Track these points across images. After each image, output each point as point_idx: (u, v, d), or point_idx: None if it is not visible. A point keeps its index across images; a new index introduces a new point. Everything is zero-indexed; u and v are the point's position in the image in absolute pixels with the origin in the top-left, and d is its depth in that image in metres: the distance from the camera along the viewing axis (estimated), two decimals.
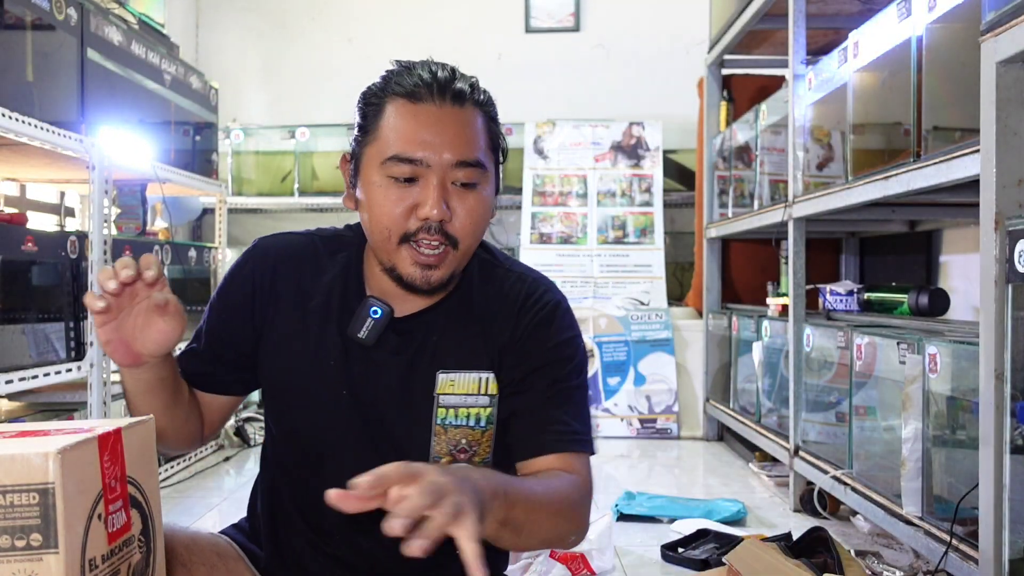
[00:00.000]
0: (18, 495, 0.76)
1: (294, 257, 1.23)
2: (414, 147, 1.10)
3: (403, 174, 1.10)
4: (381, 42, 5.30)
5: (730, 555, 1.71)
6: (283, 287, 1.21)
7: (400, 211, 1.10)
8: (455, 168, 1.11)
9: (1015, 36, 1.40)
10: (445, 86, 1.12)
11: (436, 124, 1.10)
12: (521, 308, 1.20)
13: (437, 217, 1.09)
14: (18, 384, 2.19)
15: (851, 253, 3.92)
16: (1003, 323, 1.45)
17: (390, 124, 1.11)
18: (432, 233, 1.10)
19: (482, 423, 1.18)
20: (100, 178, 2.62)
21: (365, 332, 1.16)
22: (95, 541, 0.82)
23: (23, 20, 2.30)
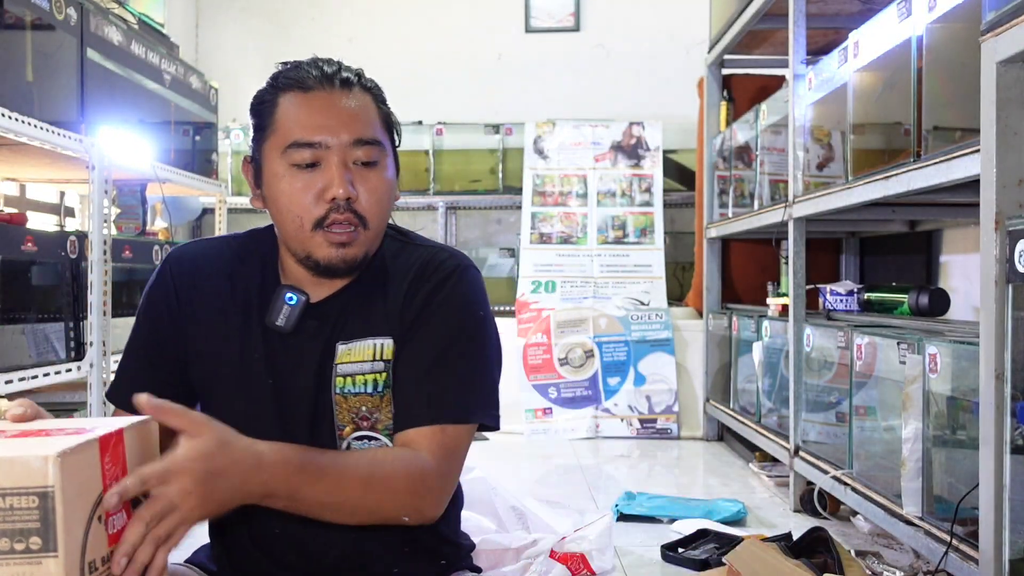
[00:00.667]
0: (17, 498, 0.75)
1: (209, 261, 1.26)
2: (311, 131, 1.13)
3: (305, 160, 1.13)
4: (381, 42, 5.31)
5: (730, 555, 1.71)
6: (201, 291, 1.23)
7: (308, 198, 1.13)
8: (353, 147, 1.14)
9: (1015, 36, 1.40)
10: (332, 74, 1.17)
11: (329, 108, 1.14)
12: (419, 273, 1.20)
13: (344, 195, 1.12)
14: (18, 384, 2.19)
15: (851, 253, 3.92)
16: (1003, 323, 1.45)
17: (286, 115, 1.15)
18: (342, 212, 1.13)
19: (380, 388, 1.17)
20: (100, 178, 2.62)
21: (283, 320, 1.18)
22: (95, 543, 0.81)
23: (23, 20, 2.30)
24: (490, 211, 5.15)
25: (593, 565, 2.08)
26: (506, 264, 4.77)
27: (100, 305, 2.58)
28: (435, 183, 4.82)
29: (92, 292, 2.55)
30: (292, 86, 1.16)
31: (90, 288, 2.54)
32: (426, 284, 1.19)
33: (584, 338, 4.10)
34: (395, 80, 5.79)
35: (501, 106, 5.13)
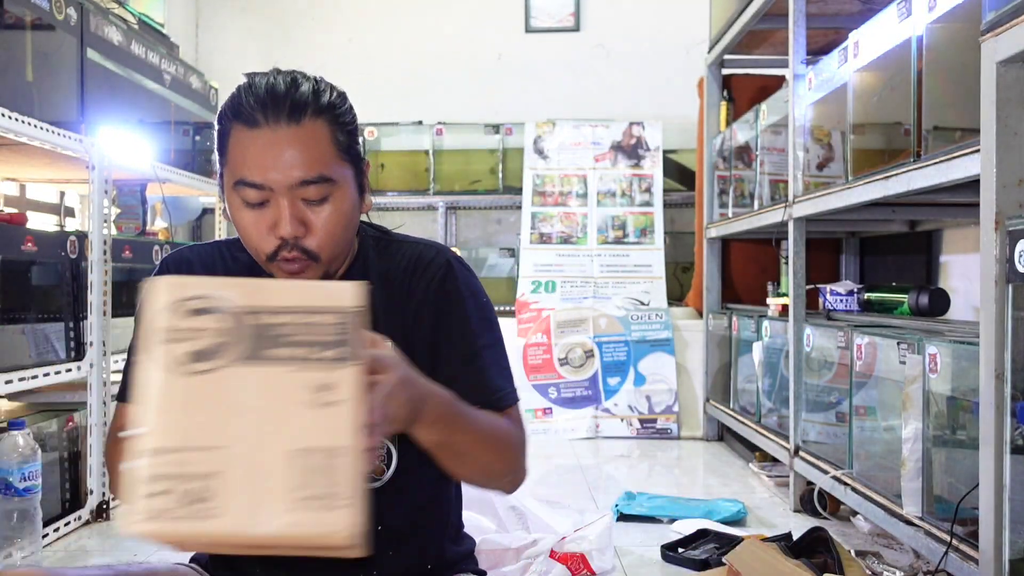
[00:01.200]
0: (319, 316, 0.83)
1: (205, 266, 1.27)
2: (255, 173, 1.11)
3: (253, 199, 1.12)
4: (381, 42, 5.31)
5: (730, 555, 1.71)
6: None
7: (260, 232, 1.13)
8: (300, 187, 1.11)
9: (1015, 36, 1.40)
10: (279, 105, 1.11)
11: (273, 148, 1.11)
12: (410, 272, 1.23)
13: (290, 235, 1.11)
14: (18, 384, 2.19)
15: (851, 253, 3.92)
16: (1003, 323, 1.45)
17: (234, 150, 1.13)
18: (290, 251, 1.12)
19: None
20: (100, 178, 2.62)
21: None
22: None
23: (23, 20, 2.30)
24: (490, 211, 5.15)
25: (593, 565, 2.08)
26: (506, 264, 4.77)
27: (100, 305, 2.58)
28: (435, 183, 4.82)
29: (92, 292, 2.55)
30: (240, 117, 1.12)
31: (90, 288, 2.54)
32: (424, 284, 1.21)
33: (584, 338, 4.10)
34: (395, 80, 5.81)
35: (501, 106, 5.13)
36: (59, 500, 2.46)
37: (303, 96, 1.13)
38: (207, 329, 0.82)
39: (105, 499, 2.60)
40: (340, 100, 1.19)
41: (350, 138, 1.18)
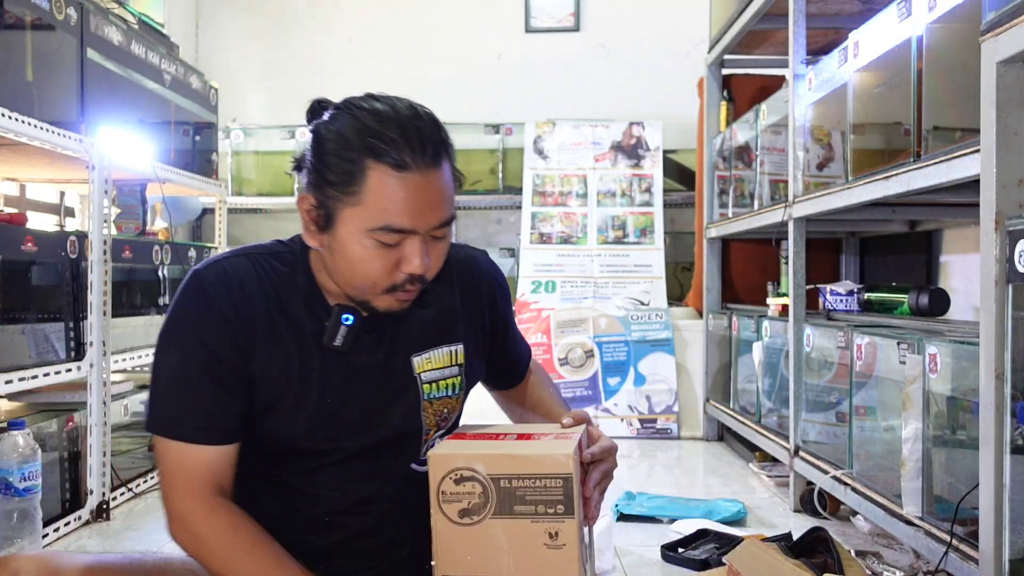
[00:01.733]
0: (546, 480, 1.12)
1: (251, 281, 1.21)
2: (404, 219, 1.12)
3: (391, 241, 1.13)
4: (381, 42, 5.31)
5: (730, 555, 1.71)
6: (254, 312, 1.19)
7: (385, 268, 1.15)
8: (436, 229, 1.16)
9: (1015, 36, 1.40)
10: (426, 147, 1.12)
11: (422, 193, 1.12)
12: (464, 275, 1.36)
13: (422, 271, 1.15)
14: (18, 384, 2.19)
15: (851, 253, 3.92)
16: (1003, 323, 1.45)
17: (378, 193, 1.11)
18: (414, 283, 1.17)
19: (457, 391, 1.33)
20: (100, 178, 2.62)
21: (340, 339, 1.21)
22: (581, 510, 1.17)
23: (23, 20, 2.30)
24: (490, 211, 5.15)
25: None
26: (506, 264, 4.76)
27: (100, 305, 2.58)
28: None
29: (92, 292, 2.55)
30: (386, 159, 1.10)
31: (90, 288, 2.54)
32: (486, 283, 1.40)
33: (584, 338, 4.10)
34: (395, 80, 5.81)
35: (501, 106, 5.13)
36: (59, 500, 2.46)
37: (442, 137, 1.16)
38: (472, 493, 1.14)
39: (105, 499, 2.60)
40: (449, 137, 1.21)
41: (456, 169, 1.22)
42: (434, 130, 1.15)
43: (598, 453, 1.21)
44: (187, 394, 1.17)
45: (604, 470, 1.21)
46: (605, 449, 1.22)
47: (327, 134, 1.14)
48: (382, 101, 1.15)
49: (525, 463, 1.12)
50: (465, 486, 1.13)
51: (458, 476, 1.14)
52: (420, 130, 1.12)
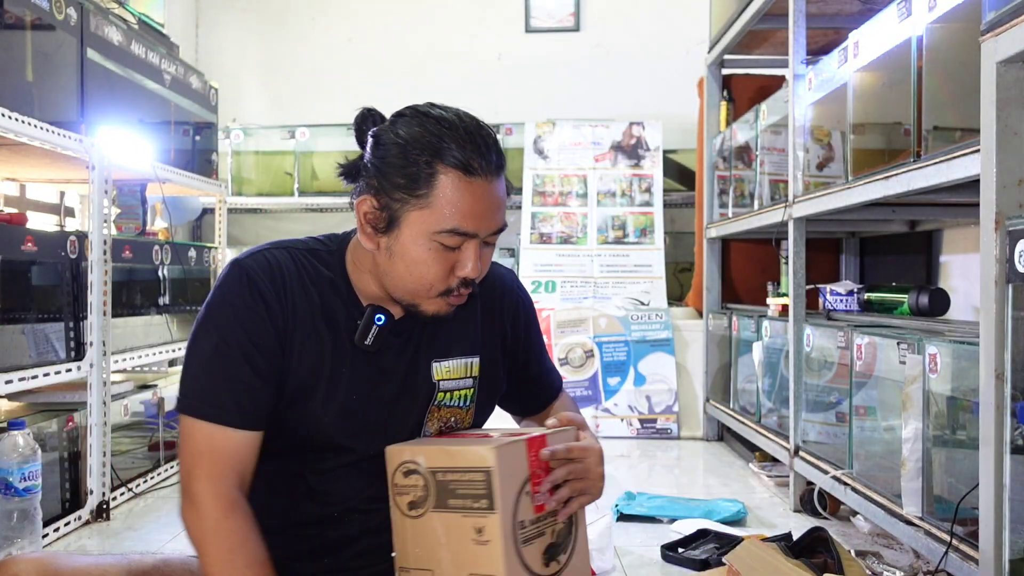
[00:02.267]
0: (472, 474, 1.12)
1: (292, 275, 1.24)
2: (470, 223, 1.17)
3: (453, 244, 1.18)
4: (381, 42, 5.31)
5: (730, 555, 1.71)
6: (295, 304, 1.23)
7: (443, 271, 1.20)
8: (491, 235, 1.21)
9: (1015, 36, 1.40)
10: (490, 155, 1.18)
11: (487, 199, 1.18)
12: (490, 292, 1.38)
13: (475, 275, 1.20)
14: (18, 384, 2.19)
15: (851, 253, 3.92)
16: (1003, 323, 1.45)
17: (446, 197, 1.15)
18: (467, 286, 1.23)
19: (467, 402, 1.35)
20: (100, 178, 2.62)
21: (371, 339, 1.24)
22: (523, 509, 1.15)
23: (23, 20, 2.30)
24: None
25: (593, 565, 2.08)
26: (506, 264, 4.76)
27: (100, 305, 2.58)
28: None
29: (92, 292, 2.55)
30: (457, 166, 1.15)
31: (90, 288, 2.54)
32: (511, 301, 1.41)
33: (584, 338, 4.10)
34: (395, 80, 5.82)
35: (501, 106, 5.12)
36: (59, 500, 2.46)
37: (500, 148, 1.21)
38: (416, 486, 1.17)
39: (105, 499, 2.60)
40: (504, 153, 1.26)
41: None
42: (495, 140, 1.21)
43: (561, 452, 1.19)
44: (222, 377, 1.18)
45: (570, 469, 1.19)
46: (573, 448, 1.21)
47: (394, 139, 1.18)
48: (445, 110, 1.20)
49: (456, 456, 1.14)
50: (411, 479, 1.17)
51: (406, 469, 1.17)
52: (485, 139, 1.18)
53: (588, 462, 1.21)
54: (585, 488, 1.22)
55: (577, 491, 1.21)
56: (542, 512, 1.18)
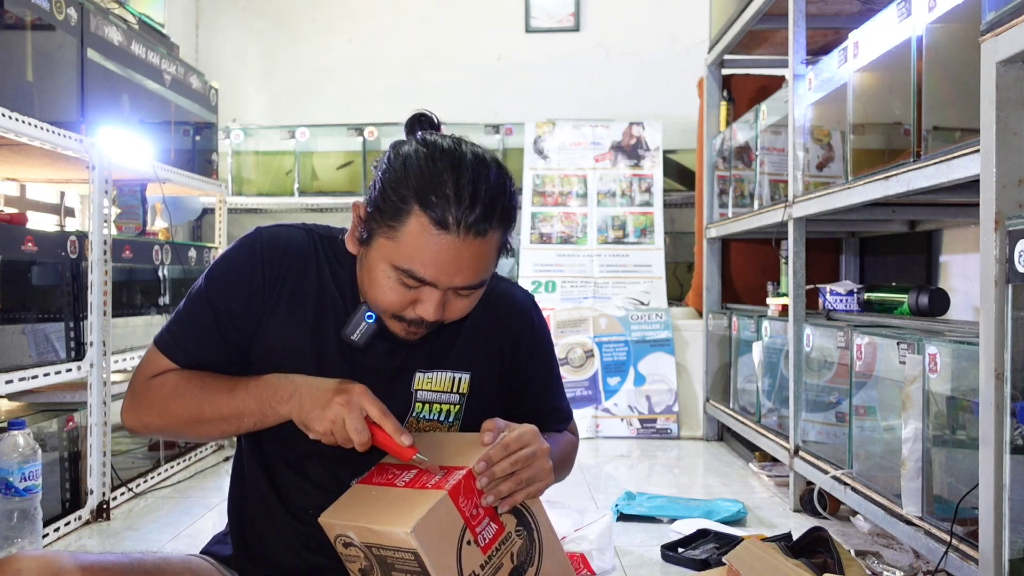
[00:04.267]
0: (402, 553, 1.07)
1: (299, 251, 1.26)
2: (428, 272, 1.13)
3: (411, 284, 1.15)
4: (381, 42, 5.31)
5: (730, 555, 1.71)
6: (287, 279, 1.24)
7: (400, 301, 1.17)
8: (460, 288, 1.16)
9: (1015, 36, 1.40)
10: (473, 215, 1.11)
11: (454, 256, 1.12)
12: (489, 307, 1.31)
13: (433, 319, 1.17)
14: (18, 384, 2.19)
15: (851, 253, 3.92)
16: (1003, 323, 1.45)
17: (411, 238, 1.12)
18: (420, 326, 1.19)
19: (451, 419, 1.30)
20: (100, 178, 2.62)
21: (358, 335, 1.22)
22: (469, 560, 1.10)
23: (23, 20, 2.30)
24: None
25: (593, 565, 2.08)
26: (506, 264, 4.76)
27: (100, 305, 2.58)
28: None
29: (92, 292, 2.55)
30: (430, 211, 1.10)
31: (90, 288, 2.54)
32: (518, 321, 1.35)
33: (584, 338, 4.10)
34: (395, 80, 5.82)
35: (501, 106, 5.12)
36: (59, 500, 2.46)
37: (495, 205, 1.13)
38: (359, 556, 1.14)
39: (105, 499, 2.60)
40: (516, 200, 1.20)
41: (509, 237, 1.20)
42: (494, 196, 1.13)
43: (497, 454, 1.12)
44: (190, 322, 1.25)
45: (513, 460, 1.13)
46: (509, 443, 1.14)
47: (396, 160, 1.15)
48: (460, 148, 1.15)
49: (383, 537, 1.09)
50: (352, 550, 1.14)
51: (344, 541, 1.15)
52: (477, 194, 1.11)
53: (529, 449, 1.15)
54: (533, 476, 1.15)
55: (525, 481, 1.14)
56: (492, 547, 1.13)
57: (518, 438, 1.14)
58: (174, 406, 1.21)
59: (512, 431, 1.16)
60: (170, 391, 1.21)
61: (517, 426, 1.17)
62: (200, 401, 1.19)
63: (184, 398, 1.20)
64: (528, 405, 1.37)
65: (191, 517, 2.62)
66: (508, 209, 1.16)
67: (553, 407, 1.40)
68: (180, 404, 1.20)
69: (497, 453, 1.13)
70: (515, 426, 1.17)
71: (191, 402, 1.20)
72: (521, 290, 1.39)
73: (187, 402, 1.20)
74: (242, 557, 1.31)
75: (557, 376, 1.42)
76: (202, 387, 1.20)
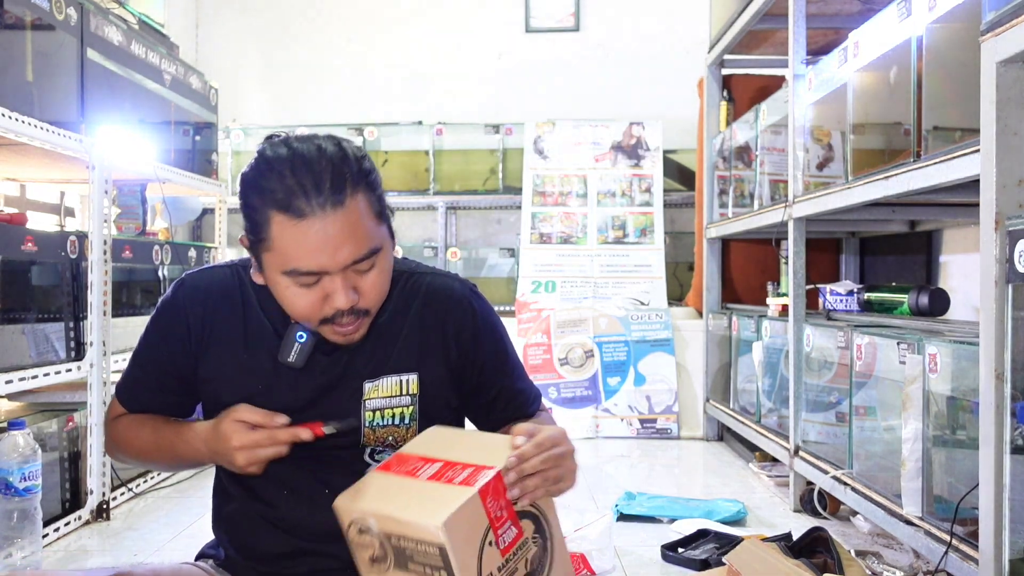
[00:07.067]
0: (425, 546, 1.06)
1: (222, 290, 1.29)
2: (310, 263, 1.13)
3: (307, 283, 1.15)
4: (381, 42, 5.31)
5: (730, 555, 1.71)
6: (214, 319, 1.28)
7: (312, 305, 1.17)
8: (354, 264, 1.15)
9: (1015, 36, 1.40)
10: (322, 189, 1.11)
11: (325, 236, 1.12)
12: (427, 302, 1.31)
13: (347, 305, 1.16)
14: (18, 384, 2.19)
15: (851, 253, 3.92)
16: (1003, 323, 1.45)
17: (281, 240, 1.13)
18: (344, 316, 1.18)
19: (407, 421, 1.29)
20: (100, 178, 2.62)
21: (294, 356, 1.23)
22: (489, 561, 1.09)
23: (23, 20, 2.30)
24: (490, 211, 5.15)
25: (593, 565, 2.08)
26: (506, 264, 4.77)
27: (100, 305, 2.58)
28: (435, 183, 4.83)
29: (92, 292, 2.55)
30: (281, 208, 1.11)
31: (90, 288, 2.54)
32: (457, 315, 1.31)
33: (584, 338, 4.10)
34: (395, 80, 5.81)
35: (501, 106, 5.12)
36: (59, 500, 2.46)
37: (343, 173, 1.13)
38: (373, 544, 1.12)
39: (105, 499, 2.60)
40: (368, 162, 1.18)
41: (380, 198, 1.19)
42: (340, 166, 1.12)
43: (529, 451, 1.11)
44: (134, 372, 1.35)
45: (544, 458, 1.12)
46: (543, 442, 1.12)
47: (243, 183, 1.17)
48: (287, 146, 1.15)
49: (407, 527, 1.08)
50: (366, 537, 1.14)
51: (359, 527, 1.14)
52: (318, 172, 1.11)
53: (560, 449, 1.14)
54: (560, 475, 1.14)
55: (552, 479, 1.13)
56: (510, 550, 1.13)
57: (550, 437, 1.14)
58: (136, 446, 1.32)
59: (543, 431, 1.15)
60: (131, 434, 1.33)
61: (547, 427, 1.17)
62: (156, 445, 1.30)
63: (140, 440, 1.32)
64: (489, 393, 1.35)
65: (191, 517, 2.62)
66: (358, 172, 1.14)
67: (517, 390, 1.37)
68: (139, 445, 1.32)
69: (530, 450, 1.11)
70: (545, 428, 1.17)
71: (147, 445, 1.31)
72: (459, 280, 1.37)
73: (143, 444, 1.31)
74: (229, 550, 1.33)
75: (514, 359, 1.39)
76: (153, 431, 1.31)
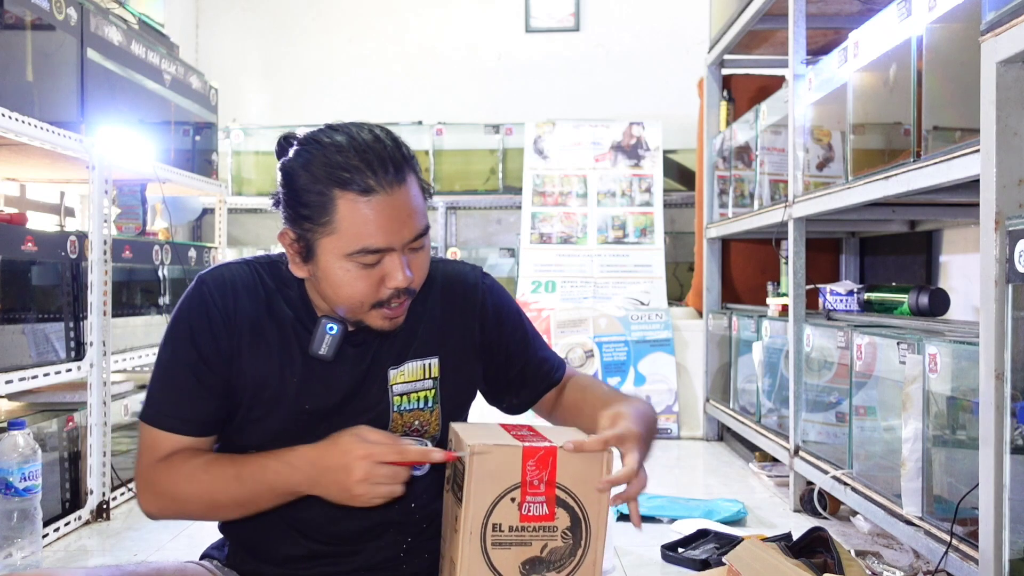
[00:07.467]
0: (461, 466, 1.15)
1: (244, 285, 1.29)
2: (379, 239, 1.16)
3: (372, 261, 1.18)
4: (381, 42, 5.31)
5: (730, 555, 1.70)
6: (242, 317, 1.27)
7: (370, 287, 1.19)
8: (412, 241, 1.20)
9: (1015, 36, 1.40)
10: (387, 166, 1.16)
11: (390, 212, 1.16)
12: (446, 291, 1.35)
13: (405, 284, 1.19)
14: (18, 384, 2.19)
15: (851, 253, 3.92)
16: (1003, 323, 1.45)
17: (349, 220, 1.16)
18: (401, 296, 1.21)
19: (430, 403, 1.33)
20: (100, 178, 2.62)
21: (326, 348, 1.25)
22: (502, 513, 1.15)
23: (23, 20, 2.30)
24: (490, 211, 5.15)
25: None
26: (506, 264, 4.77)
27: (100, 305, 2.58)
28: (435, 183, 4.82)
29: (92, 292, 2.55)
30: (351, 187, 1.15)
31: (90, 288, 2.54)
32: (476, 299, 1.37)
33: (584, 338, 4.10)
34: (395, 80, 5.82)
35: (501, 106, 5.13)
36: (59, 500, 2.46)
37: (403, 154, 1.19)
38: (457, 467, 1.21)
39: (105, 499, 2.60)
40: (409, 149, 1.23)
41: (422, 179, 1.24)
42: (395, 149, 1.18)
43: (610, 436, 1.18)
44: (171, 387, 1.26)
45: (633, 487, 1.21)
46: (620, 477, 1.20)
47: (295, 170, 1.19)
48: (341, 131, 1.20)
49: (460, 445, 1.17)
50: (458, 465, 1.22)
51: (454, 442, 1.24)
52: (379, 152, 1.16)
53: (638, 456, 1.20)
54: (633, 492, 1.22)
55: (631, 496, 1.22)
56: (530, 522, 1.16)
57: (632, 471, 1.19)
58: (186, 494, 1.23)
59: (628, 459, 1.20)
60: (182, 479, 1.23)
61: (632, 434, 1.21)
62: (212, 489, 1.22)
63: (193, 485, 1.23)
64: (516, 366, 1.41)
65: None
66: (408, 151, 1.21)
67: (540, 359, 1.43)
68: (191, 492, 1.23)
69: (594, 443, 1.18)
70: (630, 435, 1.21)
71: (202, 490, 1.22)
72: (469, 266, 1.43)
73: (198, 490, 1.22)
74: (239, 551, 1.33)
75: (532, 331, 1.44)
76: (209, 474, 1.22)
